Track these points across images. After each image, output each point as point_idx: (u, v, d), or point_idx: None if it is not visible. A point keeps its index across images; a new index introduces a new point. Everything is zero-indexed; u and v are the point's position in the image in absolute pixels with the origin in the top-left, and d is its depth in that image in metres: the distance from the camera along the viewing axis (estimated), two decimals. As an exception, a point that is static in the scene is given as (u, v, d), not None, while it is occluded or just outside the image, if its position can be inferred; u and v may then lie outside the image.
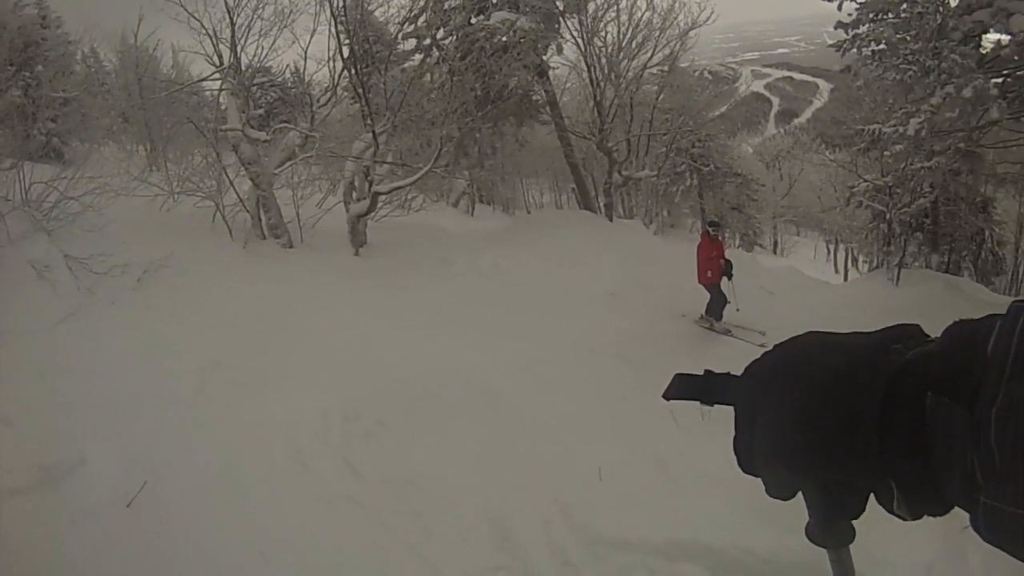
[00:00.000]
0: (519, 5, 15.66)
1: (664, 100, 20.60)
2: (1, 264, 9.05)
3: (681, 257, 14.95)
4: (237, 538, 5.67)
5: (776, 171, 41.61)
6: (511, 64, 14.97)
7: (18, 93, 15.93)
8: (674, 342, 10.54)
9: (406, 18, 14.81)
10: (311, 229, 13.23)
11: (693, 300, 11.49)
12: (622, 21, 16.75)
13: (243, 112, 12.93)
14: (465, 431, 7.35)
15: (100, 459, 6.32)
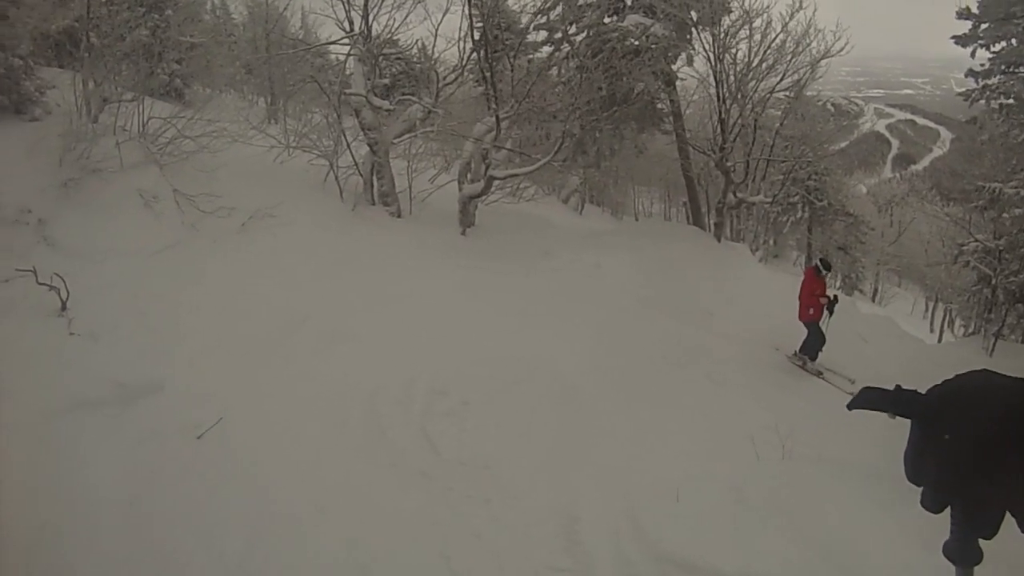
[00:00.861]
0: (654, 10, 15.35)
1: (787, 126, 19.89)
2: (110, 188, 9.43)
3: (783, 288, 14.42)
4: (298, 488, 5.72)
5: (887, 216, 39.80)
6: (640, 69, 14.70)
7: (146, 32, 16.46)
8: (764, 370, 10.13)
9: (539, 9, 14.66)
10: (421, 203, 13.34)
11: (788, 334, 11.03)
12: (755, 40, 16.25)
13: (368, 79, 13.11)
14: (547, 424, 7.23)
15: (177, 387, 6.54)
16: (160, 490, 5.39)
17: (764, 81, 16.75)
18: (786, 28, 15.91)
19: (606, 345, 9.59)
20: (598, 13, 15.16)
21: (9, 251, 7.82)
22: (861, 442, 7.78)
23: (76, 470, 5.36)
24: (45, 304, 7.16)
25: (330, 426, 6.60)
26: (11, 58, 10.16)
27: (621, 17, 15.45)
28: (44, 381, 6.14)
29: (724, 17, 15.98)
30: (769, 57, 16.36)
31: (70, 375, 6.31)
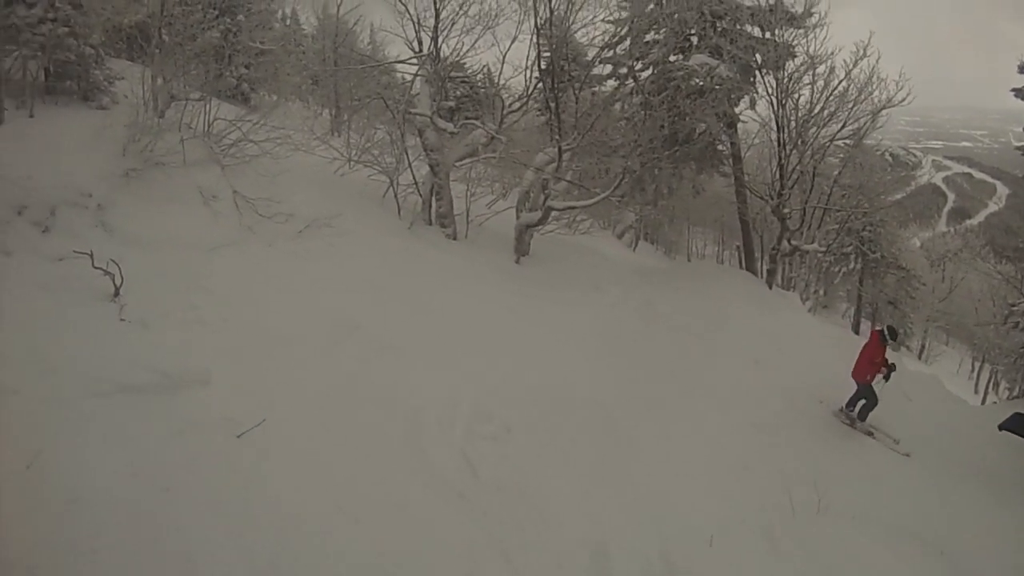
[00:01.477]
0: (720, 52, 15.37)
1: (845, 175, 19.71)
2: (172, 182, 9.68)
3: (831, 339, 14.20)
4: (333, 494, 5.75)
5: (939, 271, 38.96)
6: (704, 109, 14.70)
7: (217, 35, 16.89)
8: (806, 422, 9.96)
9: (606, 43, 14.77)
10: (478, 227, 13.45)
11: (834, 386, 10.86)
12: (818, 87, 16.15)
13: (434, 100, 13.30)
14: (587, 455, 7.25)
15: (222, 383, 6.57)
16: (195, 482, 5.43)
17: (825, 128, 16.63)
18: (849, 75, 15.80)
19: (650, 382, 9.60)
20: (664, 51, 15.21)
21: (67, 231, 8.04)
22: (898, 501, 7.69)
23: (113, 452, 5.41)
24: (98, 287, 7.28)
25: (371, 437, 6.65)
26: (83, 46, 10.51)
27: (687, 56, 15.48)
28: (91, 362, 6.22)
29: (788, 61, 15.96)
30: (831, 104, 16.26)
31: (117, 359, 6.38)
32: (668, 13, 15.17)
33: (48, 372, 5.87)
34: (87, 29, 10.61)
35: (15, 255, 7.43)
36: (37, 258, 7.53)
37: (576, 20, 13.65)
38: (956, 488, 8.56)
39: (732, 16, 15.78)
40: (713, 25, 15.67)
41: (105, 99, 10.85)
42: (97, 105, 10.71)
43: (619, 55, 15.42)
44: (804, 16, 15.71)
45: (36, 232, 7.88)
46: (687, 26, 15.38)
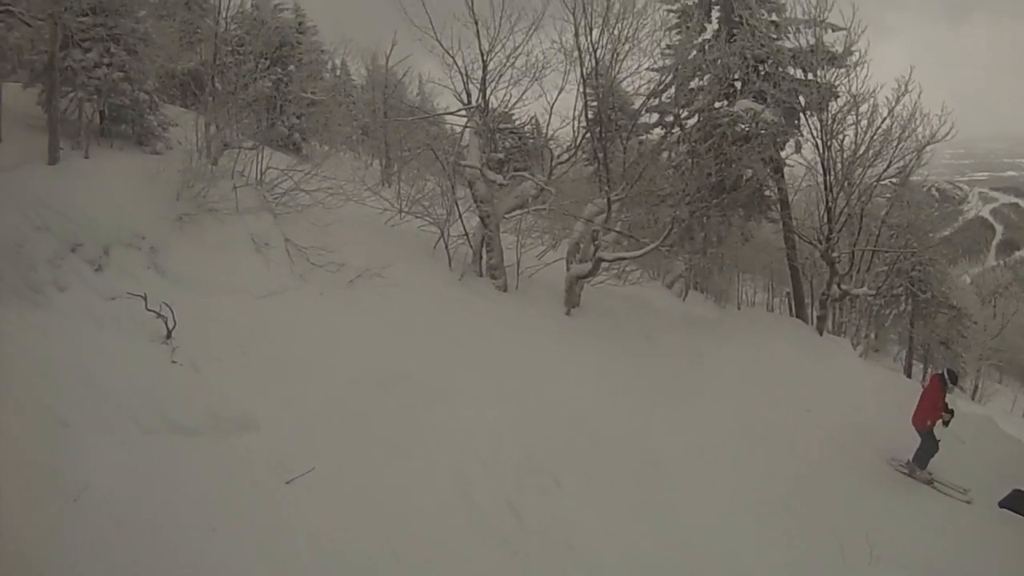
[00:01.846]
0: (764, 96, 15.43)
1: (893, 215, 19.45)
2: (224, 228, 9.98)
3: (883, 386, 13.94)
4: (377, 534, 5.88)
5: (990, 307, 38.03)
6: (750, 155, 14.71)
7: (269, 85, 17.45)
8: (857, 470, 9.74)
9: (652, 91, 14.92)
10: (528, 278, 13.57)
11: (887, 434, 10.67)
12: (861, 126, 16.05)
13: (483, 152, 13.54)
14: (637, 509, 7.25)
15: (272, 428, 6.76)
16: (241, 523, 5.58)
17: (871, 168, 16.48)
18: (892, 113, 15.64)
19: (700, 432, 9.55)
20: (709, 98, 15.31)
21: (120, 271, 8.39)
22: (952, 550, 7.49)
23: (162, 489, 5.57)
24: (151, 328, 7.53)
25: (419, 483, 6.74)
26: (137, 91, 11.00)
27: (731, 102, 15.56)
28: (143, 400, 6.43)
29: (831, 102, 15.90)
30: (876, 143, 16.11)
31: (169, 399, 6.59)
32: (711, 59, 15.31)
33: (100, 407, 6.11)
34: (141, 75, 11.11)
35: (69, 291, 7.77)
36: (91, 295, 7.87)
37: (621, 69, 13.87)
38: (1015, 535, 8.33)
39: (774, 59, 15.86)
40: (756, 69, 15.77)
41: (159, 144, 11.31)
42: (151, 150, 11.15)
43: (664, 103, 15.55)
44: (845, 55, 15.68)
45: (90, 270, 8.23)
46: (730, 72, 15.47)
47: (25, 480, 5.10)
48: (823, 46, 15.75)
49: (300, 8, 22.36)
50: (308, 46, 21.82)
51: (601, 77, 13.44)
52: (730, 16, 16.18)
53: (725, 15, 16.35)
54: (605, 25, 13.17)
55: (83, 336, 7.14)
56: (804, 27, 16.00)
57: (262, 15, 18.84)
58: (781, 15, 16.43)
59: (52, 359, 6.50)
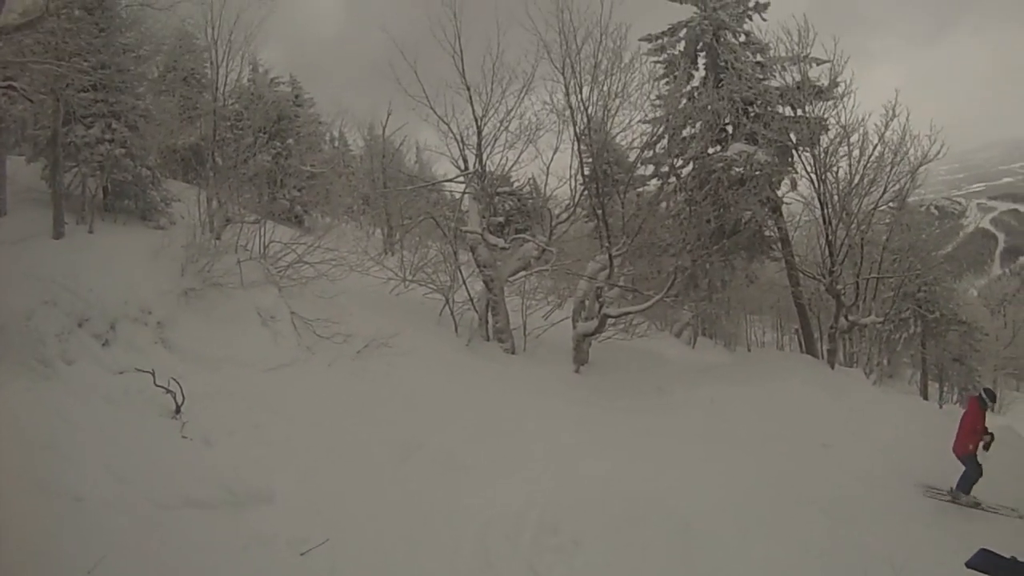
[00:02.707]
0: (756, 137, 15.62)
1: (893, 239, 19.50)
2: (230, 302, 10.07)
3: (899, 412, 13.83)
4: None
5: (1000, 317, 37.87)
6: (747, 197, 14.87)
7: (268, 159, 17.75)
8: (884, 499, 9.56)
9: (645, 143, 15.13)
10: (535, 339, 13.59)
11: (908, 461, 10.52)
12: (854, 156, 16.23)
13: (483, 217, 13.70)
14: (659, 567, 7.07)
15: (287, 500, 6.74)
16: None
17: (867, 196, 16.59)
18: (883, 139, 15.82)
19: (720, 482, 9.32)
20: (702, 144, 15.52)
21: (128, 345, 8.46)
22: None
23: (177, 562, 5.56)
24: (160, 403, 7.56)
25: (438, 552, 6.67)
26: (139, 167, 11.28)
27: (724, 146, 15.77)
28: (155, 474, 6.44)
29: (822, 136, 16.08)
30: (870, 171, 16.25)
31: (182, 473, 6.59)
32: (701, 106, 15.57)
33: (113, 481, 6.11)
34: (143, 151, 11.42)
35: (76, 365, 7.84)
36: (98, 369, 7.94)
37: (614, 124, 14.23)
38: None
39: (763, 99, 16.12)
40: (746, 111, 16.02)
41: (162, 219, 11.53)
42: (155, 225, 11.37)
43: (659, 154, 15.75)
44: (831, 87, 15.96)
45: (97, 344, 8.32)
46: (721, 117, 15.73)
47: (39, 554, 5.13)
48: (809, 81, 16.01)
49: (296, 81, 22.83)
50: (306, 118, 22.20)
51: (594, 133, 13.67)
52: (716, 62, 16.48)
53: (711, 61, 16.66)
54: (594, 82, 13.48)
55: (92, 411, 7.18)
56: (789, 64, 16.28)
57: (259, 89, 19.27)
58: (765, 55, 16.73)
59: (62, 434, 6.55)
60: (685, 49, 16.87)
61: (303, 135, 21.29)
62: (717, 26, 16.47)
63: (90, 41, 10.64)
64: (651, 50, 16.81)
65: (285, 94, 21.57)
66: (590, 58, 13.43)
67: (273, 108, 19.23)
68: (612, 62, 13.62)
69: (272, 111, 18.97)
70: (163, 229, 11.17)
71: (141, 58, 12.58)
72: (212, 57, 14.72)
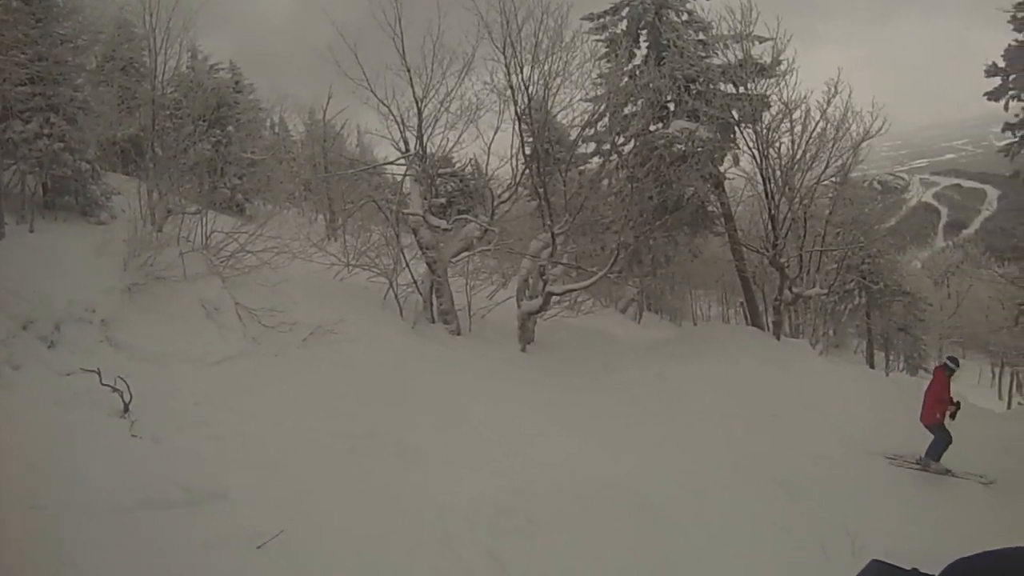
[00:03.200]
0: (697, 114, 15.71)
1: (836, 213, 19.85)
2: (174, 296, 9.79)
3: (847, 380, 14.11)
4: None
5: (944, 288, 38.98)
6: (689, 174, 14.96)
7: (208, 147, 17.36)
8: (835, 468, 9.74)
9: (587, 122, 15.09)
10: (480, 320, 13.51)
11: (857, 429, 10.75)
12: (796, 132, 16.44)
13: (425, 199, 13.53)
14: (618, 543, 7.05)
15: (241, 495, 6.53)
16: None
17: (809, 171, 16.84)
18: (825, 116, 16.07)
19: (675, 458, 9.43)
20: (643, 122, 15.56)
21: (74, 346, 8.14)
22: (938, 530, 7.52)
23: (137, 565, 5.41)
24: (108, 403, 7.30)
25: (397, 541, 6.57)
26: (79, 161, 10.83)
27: (666, 124, 15.85)
28: (109, 477, 6.23)
29: (764, 113, 16.25)
30: (812, 147, 16.49)
31: (134, 475, 6.38)
32: (643, 84, 15.58)
33: (70, 486, 5.90)
34: (82, 144, 10.99)
35: (23, 369, 7.52)
36: (45, 372, 7.63)
37: (555, 103, 14.01)
38: (992, 503, 8.55)
39: (705, 77, 16.21)
40: (687, 89, 16.09)
41: (104, 214, 11.13)
42: (96, 220, 10.98)
43: (600, 132, 15.75)
44: (773, 65, 16.11)
45: (42, 347, 8.00)
46: (662, 94, 15.78)
47: (1, 563, 4.97)
48: (751, 59, 16.13)
49: (236, 67, 22.32)
50: (246, 105, 21.75)
51: (535, 113, 13.53)
52: (658, 40, 16.53)
53: (653, 40, 16.70)
54: (535, 61, 13.30)
55: (42, 415, 6.90)
56: (732, 42, 16.41)
57: (198, 77, 18.76)
58: (708, 33, 16.85)
59: (15, 441, 6.28)
60: (627, 28, 16.90)
61: (243, 122, 20.83)
62: (660, 5, 16.52)
63: (27, 32, 10.15)
64: (593, 29, 16.80)
65: (225, 80, 21.09)
66: (531, 37, 13.22)
67: (213, 95, 18.73)
68: (553, 41, 13.43)
69: (212, 98, 18.46)
70: (104, 224, 10.81)
71: (79, 48, 12.10)
72: (151, 45, 14.17)
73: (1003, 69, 13.43)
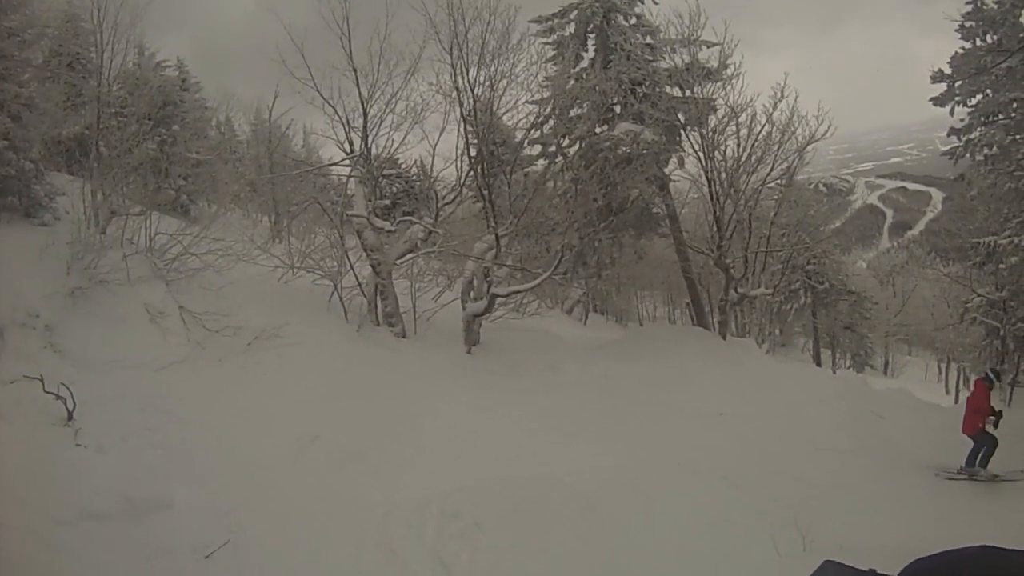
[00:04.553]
0: (643, 117, 15.84)
1: (781, 215, 20.17)
2: (118, 300, 9.60)
3: (793, 378, 14.36)
4: None
5: (890, 287, 39.96)
6: (634, 176, 15.10)
7: (153, 147, 16.97)
8: (782, 465, 9.84)
9: (532, 124, 15.11)
10: (426, 322, 13.45)
11: (804, 426, 10.92)
12: (742, 135, 16.66)
13: (369, 200, 13.41)
14: (564, 544, 7.08)
15: (186, 505, 6.48)
16: None
17: (755, 174, 17.07)
18: (771, 119, 16.31)
19: (621, 458, 9.48)
20: (589, 124, 15.62)
21: (17, 353, 7.93)
22: (883, 521, 7.68)
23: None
24: (51, 411, 7.15)
25: (341, 547, 6.57)
26: (22, 160, 10.49)
27: (612, 126, 15.92)
28: (51, 489, 6.13)
29: (710, 116, 16.44)
30: (757, 150, 16.72)
31: (77, 486, 6.27)
32: (589, 87, 15.65)
33: (8, 500, 5.73)
34: (27, 143, 10.69)
35: None
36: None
37: (500, 105, 14.01)
38: (939, 494, 8.75)
39: (651, 80, 16.35)
40: (633, 92, 16.19)
41: (47, 215, 10.80)
42: (39, 221, 10.65)
43: (546, 134, 15.78)
44: (720, 70, 16.29)
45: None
46: (608, 97, 15.87)
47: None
48: (698, 63, 16.31)
49: (183, 64, 21.90)
50: (192, 104, 21.39)
51: (481, 114, 13.50)
52: (606, 43, 16.63)
53: (601, 43, 16.80)
54: (481, 63, 13.30)
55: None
56: (679, 46, 16.55)
57: (145, 74, 18.37)
58: (656, 37, 16.96)
59: None
60: (575, 31, 16.95)
61: (189, 121, 20.47)
62: (608, 8, 16.59)
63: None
64: (540, 31, 16.81)
65: (171, 78, 20.69)
66: (478, 39, 13.22)
67: (159, 93, 18.37)
68: (500, 43, 13.43)
69: (158, 96, 18.09)
70: (48, 226, 10.45)
71: (25, 42, 11.71)
72: (97, 40, 13.75)
73: (949, 76, 13.80)
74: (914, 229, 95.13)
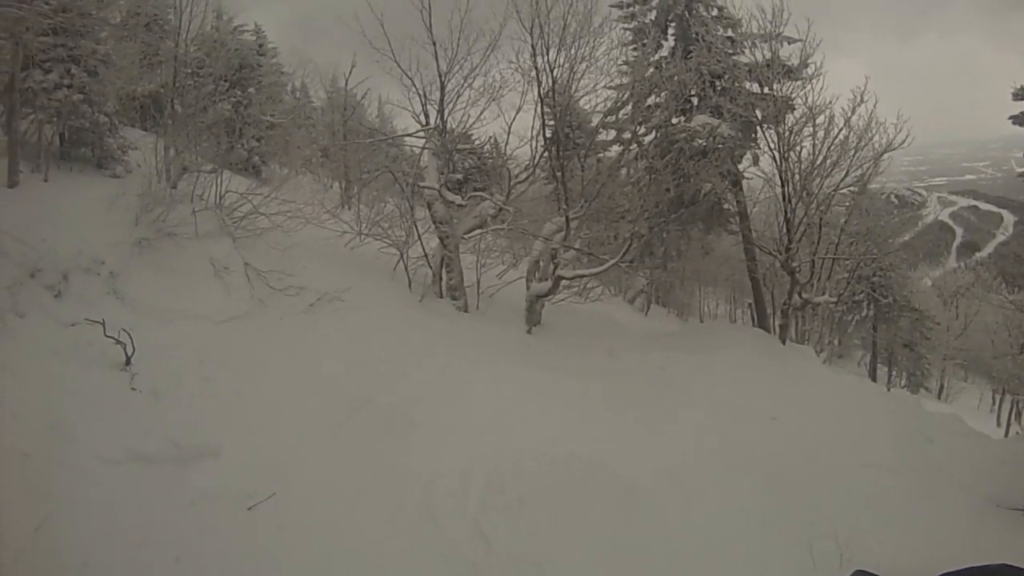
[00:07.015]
0: (720, 111, 15.60)
1: (852, 223, 19.72)
2: (184, 253, 9.82)
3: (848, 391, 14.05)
4: (346, 566, 5.80)
5: (952, 309, 38.77)
6: (708, 169, 14.85)
7: (228, 108, 17.33)
8: (830, 475, 9.70)
9: (609, 109, 15.00)
10: (488, 298, 13.53)
11: (854, 439, 10.69)
12: (818, 137, 16.26)
13: (442, 173, 13.49)
14: (604, 527, 7.10)
15: (234, 456, 6.65)
16: (206, 553, 5.48)
17: (829, 178, 16.69)
18: (848, 123, 15.89)
19: (666, 448, 9.39)
20: (666, 114, 15.43)
21: (80, 297, 8.19)
22: (921, 547, 7.47)
23: (124, 519, 5.47)
24: (110, 355, 7.36)
25: (384, 509, 6.65)
26: (97, 114, 10.84)
27: (688, 118, 15.70)
28: (102, 429, 6.30)
29: (788, 115, 16.09)
30: (833, 153, 16.32)
31: (127, 428, 6.46)
32: (668, 76, 15.44)
33: (60, 437, 5.98)
34: (102, 97, 10.97)
35: (28, 317, 7.57)
36: (49, 322, 7.68)
37: (578, 88, 13.91)
38: (983, 523, 8.44)
39: (730, 74, 16.05)
40: (712, 85, 15.94)
41: (119, 167, 11.18)
42: (111, 173, 11.02)
43: (622, 120, 15.63)
44: (800, 68, 15.91)
45: (49, 296, 8.04)
46: (687, 88, 15.62)
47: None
48: (779, 59, 15.96)
49: (261, 29, 22.28)
50: (268, 68, 21.76)
51: (558, 96, 13.43)
52: (686, 33, 16.36)
53: (681, 32, 16.55)
54: (562, 45, 13.18)
55: (41, 364, 6.97)
56: (760, 41, 16.18)
57: (222, 37, 18.72)
58: (737, 31, 16.64)
59: (10, 388, 6.34)
60: (656, 18, 16.71)
61: (264, 85, 20.84)
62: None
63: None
64: (621, 17, 16.63)
65: (248, 43, 21.08)
66: (559, 20, 13.09)
67: (235, 56, 18.74)
68: (581, 25, 13.29)
69: (234, 59, 18.47)
70: (119, 178, 10.79)
71: (103, 2, 12.03)
72: (176, 2, 14.13)
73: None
74: (983, 251, 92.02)
